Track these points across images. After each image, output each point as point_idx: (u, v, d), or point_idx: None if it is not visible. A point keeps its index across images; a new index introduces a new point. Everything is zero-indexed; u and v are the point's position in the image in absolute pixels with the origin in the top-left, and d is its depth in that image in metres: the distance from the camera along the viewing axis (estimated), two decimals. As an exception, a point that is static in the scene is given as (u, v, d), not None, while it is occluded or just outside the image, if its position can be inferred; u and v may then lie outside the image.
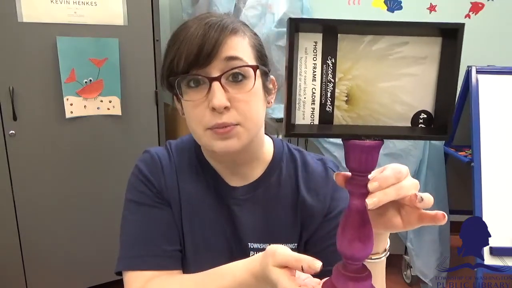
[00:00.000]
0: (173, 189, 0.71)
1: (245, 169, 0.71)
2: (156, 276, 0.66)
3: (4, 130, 1.57)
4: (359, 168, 0.42)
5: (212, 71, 0.60)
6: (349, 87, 0.41)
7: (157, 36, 1.78)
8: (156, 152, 0.74)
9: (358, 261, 0.44)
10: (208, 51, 0.59)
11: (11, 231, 1.66)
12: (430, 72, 0.40)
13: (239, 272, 0.56)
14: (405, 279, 2.12)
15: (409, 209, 0.48)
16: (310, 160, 0.74)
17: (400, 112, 0.41)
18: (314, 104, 0.42)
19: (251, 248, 0.71)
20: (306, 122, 0.42)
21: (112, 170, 1.80)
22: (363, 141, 0.40)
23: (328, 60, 0.40)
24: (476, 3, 2.33)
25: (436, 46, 0.39)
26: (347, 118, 0.42)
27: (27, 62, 1.56)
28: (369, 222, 0.44)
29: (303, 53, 0.40)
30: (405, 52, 0.40)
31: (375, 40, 0.39)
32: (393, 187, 0.43)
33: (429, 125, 0.41)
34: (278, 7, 2.01)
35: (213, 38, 0.59)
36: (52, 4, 1.56)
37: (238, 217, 0.71)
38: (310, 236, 0.71)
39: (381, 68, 0.40)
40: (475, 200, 1.65)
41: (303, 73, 0.41)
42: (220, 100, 0.59)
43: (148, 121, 1.84)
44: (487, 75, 1.81)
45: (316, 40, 0.40)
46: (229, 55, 0.60)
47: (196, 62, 0.59)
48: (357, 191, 0.43)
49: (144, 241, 0.68)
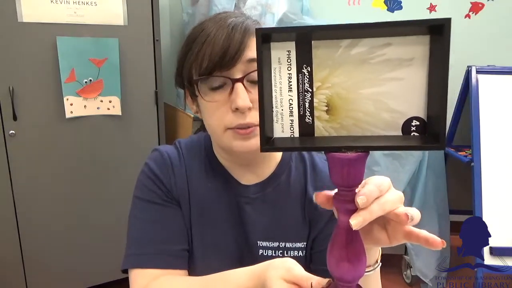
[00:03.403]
0: (183, 188, 0.71)
1: (256, 168, 0.72)
2: (162, 275, 0.66)
3: (4, 130, 1.57)
4: (342, 183, 0.39)
5: (235, 73, 0.61)
6: (328, 96, 0.38)
7: (157, 36, 1.78)
8: (166, 151, 0.74)
9: (348, 283, 0.41)
10: (232, 53, 0.60)
11: (11, 231, 1.66)
12: (418, 75, 0.36)
13: (242, 280, 0.56)
14: (405, 279, 2.12)
15: (394, 225, 0.46)
16: (319, 160, 0.75)
17: (388, 120, 0.38)
18: (292, 116, 0.39)
19: (260, 246, 0.71)
20: (286, 135, 0.40)
21: (112, 170, 1.79)
22: (344, 153, 0.37)
23: (303, 69, 0.38)
24: (476, 3, 2.33)
25: (423, 45, 0.36)
26: (329, 129, 0.39)
27: (27, 62, 1.56)
28: (359, 240, 0.41)
29: (276, 63, 0.39)
30: (388, 55, 0.36)
31: (353, 44, 0.37)
32: (377, 203, 0.41)
33: (423, 132, 0.38)
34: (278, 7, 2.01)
35: (237, 40, 0.60)
36: (52, 4, 1.56)
37: (248, 215, 0.71)
38: (316, 235, 0.71)
39: (363, 74, 0.37)
40: (475, 200, 1.64)
41: (278, 84, 0.39)
42: (244, 100, 0.60)
43: (148, 121, 1.84)
44: (487, 75, 1.81)
45: (289, 49, 0.38)
46: (252, 57, 0.61)
47: (220, 64, 0.60)
48: (343, 207, 0.40)
49: (151, 240, 0.68)
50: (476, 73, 1.82)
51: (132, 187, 0.74)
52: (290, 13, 2.00)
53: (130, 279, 0.68)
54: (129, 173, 1.67)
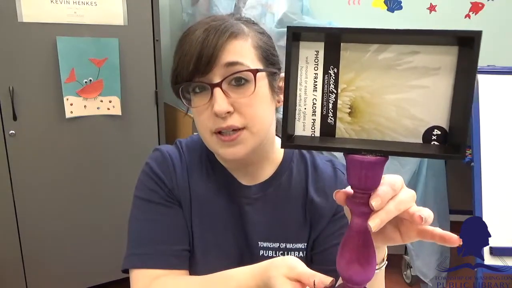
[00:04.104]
0: (184, 188, 0.71)
1: (255, 169, 0.72)
2: (163, 275, 0.66)
3: (4, 130, 1.57)
4: (359, 185, 0.40)
5: (214, 77, 0.60)
6: (352, 99, 0.39)
7: (157, 36, 1.78)
8: (167, 151, 0.74)
9: (357, 285, 0.42)
10: (207, 58, 0.59)
11: (11, 231, 1.66)
12: (444, 84, 0.36)
13: (244, 278, 0.56)
14: (405, 279, 2.12)
15: (408, 224, 0.46)
16: (320, 161, 0.75)
17: (409, 127, 0.38)
18: (315, 116, 0.40)
19: (261, 247, 0.71)
20: (307, 134, 0.40)
21: (112, 170, 1.79)
22: (364, 156, 0.38)
23: (330, 70, 0.39)
24: (476, 3, 2.33)
25: (451, 55, 0.36)
26: (350, 131, 0.40)
27: (27, 62, 1.56)
28: (370, 243, 0.41)
29: (303, 62, 0.39)
30: (415, 62, 0.37)
31: (382, 49, 0.37)
32: (392, 203, 0.41)
33: (444, 142, 0.38)
34: (278, 7, 2.01)
35: (211, 44, 0.59)
36: (52, 4, 1.56)
37: (248, 216, 0.71)
38: (317, 236, 0.71)
39: (388, 79, 0.37)
40: (475, 200, 1.65)
41: (304, 83, 0.39)
42: (221, 105, 0.59)
43: (148, 121, 1.84)
44: (487, 75, 1.81)
45: (318, 49, 0.38)
46: (228, 61, 0.60)
47: (197, 69, 0.60)
48: (358, 210, 0.41)
49: (152, 240, 0.68)
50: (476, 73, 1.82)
51: (132, 187, 0.74)
52: (290, 13, 2.00)
53: (131, 279, 0.68)
54: (129, 173, 1.66)
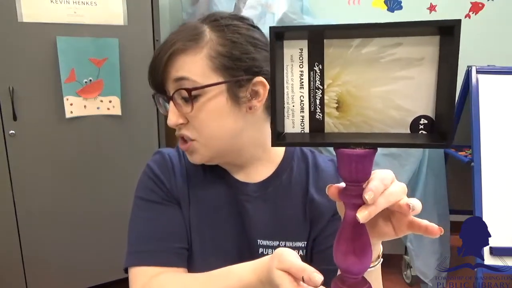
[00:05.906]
0: (183, 188, 0.72)
1: (250, 169, 0.72)
2: (161, 272, 0.66)
3: (4, 130, 1.57)
4: (350, 178, 0.40)
5: (170, 90, 0.64)
6: (339, 94, 0.39)
7: (157, 36, 1.78)
8: (168, 153, 0.75)
9: (354, 275, 0.43)
10: (158, 73, 0.63)
11: (11, 231, 1.66)
12: (428, 74, 0.37)
13: (246, 273, 0.56)
14: (405, 279, 2.12)
15: (399, 216, 0.47)
16: (321, 160, 0.75)
17: (396, 118, 0.39)
18: (303, 112, 0.41)
19: (260, 245, 0.71)
20: (296, 131, 0.41)
21: (112, 170, 1.79)
22: (353, 149, 0.39)
23: (315, 66, 0.39)
24: (476, 3, 2.33)
25: (433, 45, 0.37)
26: (339, 125, 0.40)
27: (27, 62, 1.56)
28: (365, 234, 0.42)
29: (288, 60, 0.40)
30: (398, 54, 0.37)
31: (364, 43, 0.38)
32: (382, 195, 0.42)
33: (431, 131, 0.39)
34: (278, 7, 2.01)
35: (160, 60, 0.63)
36: (52, 4, 1.56)
37: (248, 214, 0.71)
38: (317, 235, 0.71)
39: (373, 72, 0.38)
40: (475, 200, 1.65)
41: (290, 81, 0.40)
42: (170, 119, 0.64)
43: (148, 121, 1.84)
44: (487, 75, 1.81)
45: (302, 47, 0.39)
46: (175, 77, 0.62)
47: (155, 81, 0.65)
48: (351, 202, 0.41)
49: (151, 237, 0.69)
50: (476, 73, 1.82)
51: (132, 186, 0.74)
52: (290, 13, 2.00)
53: (130, 278, 0.68)
54: (129, 173, 1.66)
